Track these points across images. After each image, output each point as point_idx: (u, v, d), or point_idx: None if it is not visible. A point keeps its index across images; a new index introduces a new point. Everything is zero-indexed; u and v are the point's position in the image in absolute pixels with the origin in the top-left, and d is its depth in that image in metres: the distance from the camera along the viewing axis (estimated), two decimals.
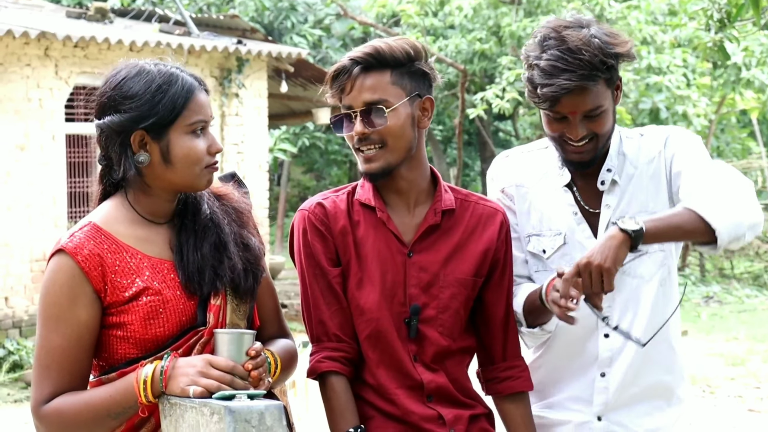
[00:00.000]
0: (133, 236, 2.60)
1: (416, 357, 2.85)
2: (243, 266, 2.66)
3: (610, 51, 2.86)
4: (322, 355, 2.82)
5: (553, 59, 2.83)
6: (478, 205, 2.93)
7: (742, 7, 5.84)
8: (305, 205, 2.90)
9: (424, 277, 2.84)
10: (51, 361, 2.53)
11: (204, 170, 2.61)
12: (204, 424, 2.38)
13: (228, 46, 13.42)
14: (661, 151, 3.02)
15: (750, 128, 21.38)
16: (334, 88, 2.80)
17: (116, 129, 2.58)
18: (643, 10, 15.03)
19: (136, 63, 2.63)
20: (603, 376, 3.06)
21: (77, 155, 12.38)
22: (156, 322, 2.55)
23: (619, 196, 3.01)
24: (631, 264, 3.00)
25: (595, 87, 2.85)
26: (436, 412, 2.84)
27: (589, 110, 2.88)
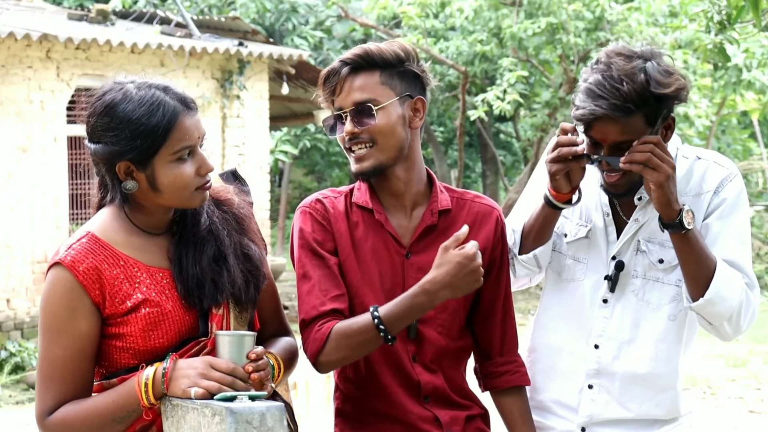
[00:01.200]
0: (131, 246, 2.59)
1: (415, 357, 2.86)
2: (244, 278, 2.65)
3: (653, 90, 2.81)
4: (316, 325, 2.76)
5: (593, 83, 2.83)
6: (474, 204, 2.94)
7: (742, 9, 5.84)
8: (305, 202, 2.91)
9: (423, 277, 2.83)
10: (53, 372, 2.54)
11: (194, 192, 2.58)
12: (205, 425, 2.39)
13: (229, 48, 13.44)
14: (711, 192, 2.98)
15: (751, 129, 21.40)
16: (326, 91, 2.84)
17: (101, 159, 2.57)
18: (643, 11, 15.03)
19: (122, 86, 2.58)
20: (590, 388, 3.05)
21: (79, 157, 12.40)
22: (155, 333, 2.56)
23: (650, 214, 2.99)
24: (643, 287, 3.01)
25: (628, 120, 2.81)
26: (432, 413, 2.85)
27: (619, 142, 2.85)
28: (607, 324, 3.02)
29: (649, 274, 3.01)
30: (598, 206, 3.05)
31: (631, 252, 3.01)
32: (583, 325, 3.05)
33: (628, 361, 3.03)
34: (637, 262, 3.01)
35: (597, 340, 3.03)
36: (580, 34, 14.91)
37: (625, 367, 3.04)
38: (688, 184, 3.00)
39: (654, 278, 3.01)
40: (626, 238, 3.01)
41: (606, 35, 14.85)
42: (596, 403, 3.05)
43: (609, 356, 3.03)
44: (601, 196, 3.04)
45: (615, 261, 3.01)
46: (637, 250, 3.01)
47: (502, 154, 24.15)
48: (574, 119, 2.89)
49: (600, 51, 2.95)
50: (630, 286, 3.02)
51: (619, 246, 3.01)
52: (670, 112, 2.91)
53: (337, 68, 2.81)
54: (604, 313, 3.03)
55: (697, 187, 2.99)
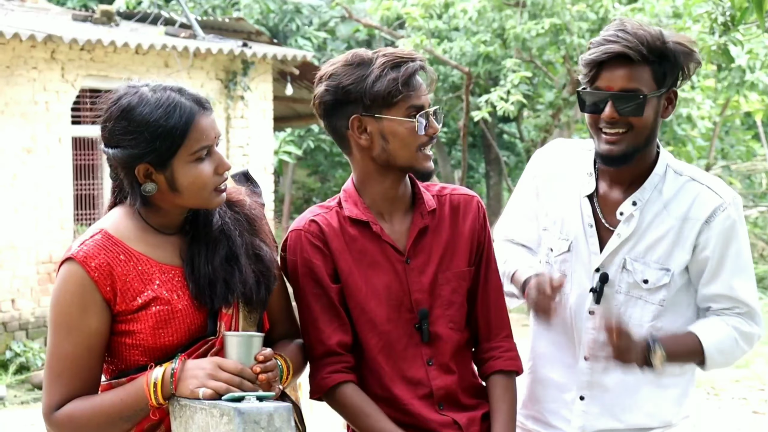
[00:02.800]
0: (144, 243, 2.61)
1: (431, 360, 2.86)
2: (255, 278, 2.67)
3: (666, 40, 2.84)
4: (327, 371, 2.82)
5: (607, 34, 2.86)
6: (453, 196, 2.95)
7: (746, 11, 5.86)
8: (297, 224, 2.89)
9: (425, 280, 2.87)
10: (62, 368, 2.55)
11: (213, 192, 2.61)
12: (213, 426, 2.41)
13: (233, 49, 13.45)
14: (701, 222, 2.95)
15: (754, 130, 21.38)
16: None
17: (119, 163, 2.59)
18: (647, 12, 15.02)
19: (136, 89, 2.60)
20: (582, 399, 3.06)
21: (83, 158, 12.41)
22: (165, 331, 2.57)
23: (633, 230, 2.97)
24: (625, 303, 3.01)
25: (639, 67, 2.83)
26: (450, 418, 2.86)
27: (626, 89, 2.84)
28: (597, 335, 3.00)
29: (633, 292, 3.00)
30: (578, 218, 3.03)
31: (616, 268, 3.00)
32: (573, 337, 3.06)
33: (617, 374, 3.03)
34: (621, 279, 3.00)
35: (587, 351, 3.03)
36: (584, 35, 14.91)
37: (614, 380, 3.04)
38: (679, 205, 2.96)
39: (637, 296, 3.00)
40: (609, 251, 2.99)
41: None
42: (588, 415, 3.05)
43: (599, 368, 3.03)
44: (583, 206, 3.02)
45: (599, 273, 3.00)
46: (623, 268, 2.99)
47: (506, 154, 24.14)
48: (583, 65, 2.89)
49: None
50: (614, 300, 3.01)
51: (602, 259, 3.00)
52: (674, 85, 2.90)
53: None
54: (591, 325, 3.02)
55: (685, 210, 2.96)
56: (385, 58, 2.78)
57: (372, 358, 2.85)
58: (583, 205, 3.02)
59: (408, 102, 2.77)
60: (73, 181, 12.14)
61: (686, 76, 2.92)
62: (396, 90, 2.75)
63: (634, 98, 2.84)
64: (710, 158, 17.92)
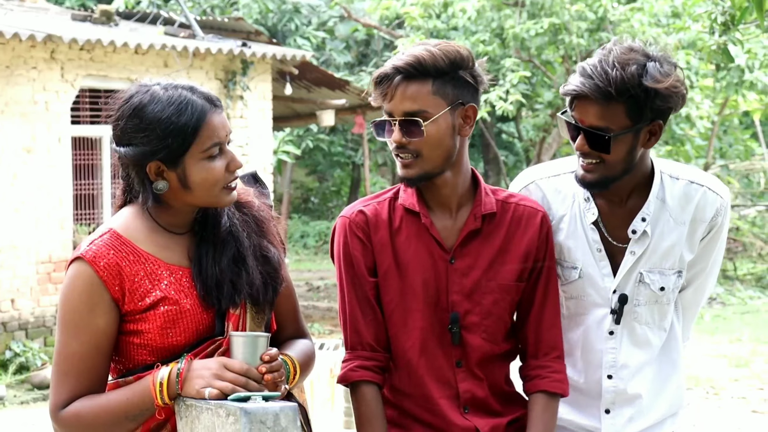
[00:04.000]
0: (152, 243, 2.61)
1: (460, 363, 2.84)
2: (262, 280, 2.67)
3: (642, 81, 2.77)
4: (355, 364, 2.82)
5: (589, 64, 2.83)
6: (519, 206, 2.89)
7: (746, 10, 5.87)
8: (346, 211, 2.89)
9: (467, 283, 2.83)
10: (69, 366, 2.56)
11: (223, 190, 2.61)
12: (219, 426, 2.41)
13: (232, 49, 13.46)
14: (707, 223, 2.99)
15: (753, 130, 21.41)
16: (377, 94, 2.79)
17: (131, 161, 2.59)
18: (646, 12, 15.04)
19: (148, 88, 2.60)
20: (608, 412, 3.06)
21: (83, 157, 12.41)
22: (173, 331, 2.58)
23: (646, 244, 2.97)
24: (645, 311, 3.02)
25: (608, 105, 2.78)
26: (473, 424, 2.84)
27: (594, 126, 2.81)
28: (617, 354, 3.02)
29: (651, 300, 3.02)
30: (584, 245, 3.00)
31: (633, 284, 2.99)
32: (593, 358, 3.05)
33: (644, 382, 3.05)
34: (639, 292, 3.00)
35: (609, 371, 3.03)
36: (583, 35, 14.93)
37: (640, 388, 3.05)
38: (684, 209, 2.98)
39: (653, 301, 3.02)
40: (625, 271, 2.98)
41: (608, 36, 14.86)
42: (617, 424, 3.06)
43: (623, 384, 3.03)
44: (589, 234, 2.99)
45: (617, 294, 2.99)
46: (639, 282, 2.99)
47: (504, 154, 24.15)
48: (561, 95, 2.89)
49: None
50: (633, 314, 3.01)
51: (618, 280, 2.99)
52: (659, 117, 2.85)
53: (390, 74, 2.74)
54: (612, 344, 3.02)
55: (692, 214, 2.98)
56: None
57: (403, 355, 2.84)
58: (589, 233, 2.99)
59: (379, 105, 2.80)
60: (72, 181, 12.14)
61: (673, 110, 2.87)
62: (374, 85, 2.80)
63: (600, 137, 2.81)
64: (709, 157, 17.94)
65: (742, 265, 18.74)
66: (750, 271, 18.53)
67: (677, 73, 2.84)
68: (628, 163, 2.87)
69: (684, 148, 16.46)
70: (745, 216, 19.91)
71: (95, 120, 12.36)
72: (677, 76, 2.83)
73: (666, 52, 2.86)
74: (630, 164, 2.88)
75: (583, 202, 2.99)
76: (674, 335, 3.11)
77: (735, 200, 20.22)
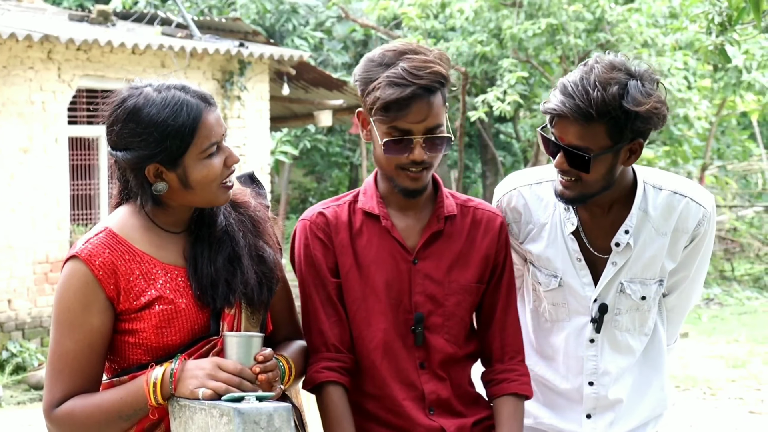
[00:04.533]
0: (148, 243, 2.61)
1: (423, 364, 2.85)
2: (257, 279, 2.66)
3: (623, 103, 2.74)
4: (320, 366, 2.81)
5: (570, 81, 2.80)
6: (478, 210, 2.92)
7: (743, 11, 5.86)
8: (306, 214, 2.90)
9: (429, 284, 2.84)
10: (63, 365, 2.55)
11: (220, 188, 2.61)
12: (213, 426, 2.41)
13: (230, 49, 13.44)
14: (689, 233, 2.99)
15: (750, 130, 21.41)
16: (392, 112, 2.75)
17: (129, 165, 2.59)
18: (644, 12, 15.04)
19: (140, 90, 2.59)
20: (589, 417, 3.07)
21: (80, 158, 12.40)
22: (168, 330, 2.57)
23: (628, 256, 2.97)
24: (625, 320, 3.03)
25: (588, 126, 2.76)
26: (439, 424, 2.84)
27: (573, 145, 2.79)
28: (598, 361, 3.03)
29: (632, 308, 3.03)
30: (564, 255, 3.00)
31: (614, 293, 3.00)
32: (574, 365, 3.05)
33: (624, 387, 3.06)
34: (620, 301, 3.01)
35: (590, 377, 3.04)
36: (581, 35, 14.93)
37: (621, 393, 3.06)
38: (666, 220, 2.98)
39: (634, 309, 3.03)
40: (606, 281, 2.99)
41: (606, 36, 14.87)
42: (598, 428, 3.07)
43: (604, 390, 3.04)
44: (569, 243, 2.99)
45: (597, 304, 3.00)
46: (620, 292, 3.00)
47: (502, 154, 24.15)
48: (542, 112, 2.87)
49: (598, 53, 2.91)
50: (613, 323, 3.02)
51: (599, 290, 2.99)
52: (639, 136, 2.83)
53: (417, 94, 2.69)
54: (593, 351, 3.03)
55: (674, 225, 2.98)
56: (393, 71, 2.70)
57: (367, 356, 2.84)
58: (569, 242, 2.99)
59: (390, 122, 2.72)
60: (69, 181, 12.13)
61: (653, 129, 2.85)
62: (379, 108, 2.71)
63: (580, 156, 2.80)
64: (706, 158, 17.94)
65: (739, 266, 18.74)
66: (747, 272, 18.53)
67: (659, 92, 2.81)
68: (608, 180, 2.86)
69: (682, 149, 16.45)
70: (743, 217, 19.92)
71: (92, 120, 12.35)
72: (658, 96, 2.80)
73: (650, 68, 2.83)
74: (609, 182, 2.87)
75: (563, 212, 2.99)
76: (657, 338, 3.11)
77: (733, 201, 20.24)
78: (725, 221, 19.23)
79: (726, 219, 19.30)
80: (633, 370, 3.07)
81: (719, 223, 19.07)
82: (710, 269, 18.38)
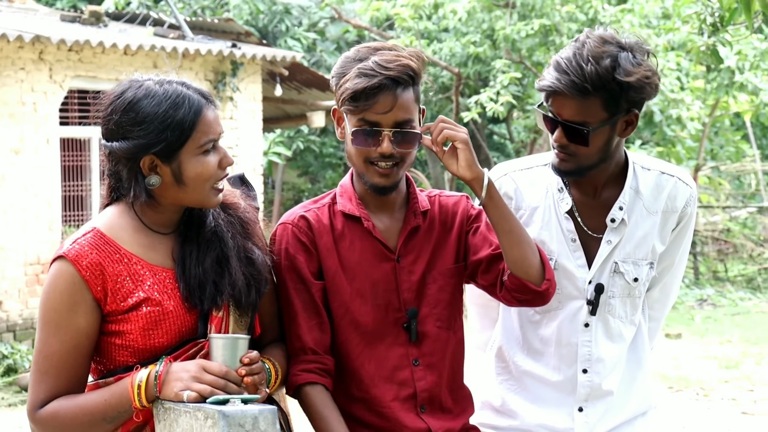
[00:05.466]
0: (136, 243, 2.59)
1: (417, 361, 2.84)
2: (245, 281, 2.64)
3: (616, 75, 2.80)
4: (298, 368, 2.79)
5: (563, 57, 2.85)
6: (442, 198, 2.95)
7: (734, 11, 5.85)
8: (286, 217, 2.88)
9: (414, 279, 2.85)
10: (48, 365, 2.54)
11: (212, 190, 2.60)
12: (198, 429, 2.39)
13: (222, 50, 13.42)
14: (678, 213, 3.04)
15: (743, 131, 21.42)
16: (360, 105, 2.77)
17: (125, 155, 2.56)
18: (636, 13, 15.05)
19: (140, 83, 2.59)
20: (581, 410, 3.05)
21: (72, 159, 12.38)
22: (156, 332, 2.55)
23: (622, 234, 3.00)
24: (618, 305, 3.03)
25: (585, 100, 2.82)
26: (426, 425, 2.83)
27: (571, 120, 2.85)
28: (592, 347, 3.03)
29: (624, 292, 3.04)
30: (559, 236, 3.02)
31: (608, 273, 3.02)
32: (568, 353, 3.04)
33: (615, 379, 3.05)
34: (614, 282, 3.02)
35: (584, 364, 3.04)
36: (574, 36, 14.92)
37: (615, 383, 3.06)
38: (656, 199, 3.02)
39: (627, 294, 3.04)
40: (601, 260, 3.00)
41: None
42: (589, 423, 3.06)
43: (598, 378, 3.04)
44: (563, 223, 3.01)
45: (593, 285, 3.01)
46: (615, 272, 3.02)
47: (496, 155, 24.14)
48: (537, 89, 2.92)
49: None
50: (607, 307, 3.03)
51: (594, 270, 3.00)
52: (634, 107, 2.88)
53: (384, 84, 2.72)
54: (587, 337, 3.03)
55: (665, 204, 3.03)
56: (364, 64, 2.74)
57: (353, 359, 2.83)
58: (563, 222, 3.01)
59: (359, 114, 2.73)
60: (61, 183, 12.10)
61: (647, 99, 2.90)
62: (348, 98, 2.73)
63: (579, 131, 2.84)
64: (700, 159, 17.95)
65: (732, 267, 18.77)
66: (741, 273, 18.55)
67: (649, 62, 2.88)
68: (605, 152, 2.92)
69: (675, 150, 16.46)
70: (736, 217, 19.94)
71: (84, 121, 12.32)
72: (649, 65, 2.86)
73: (640, 39, 2.90)
74: (607, 153, 2.92)
75: (557, 193, 3.02)
76: (641, 333, 3.13)
77: (726, 202, 20.25)
78: (718, 222, 19.25)
79: (719, 220, 19.33)
80: (622, 363, 3.07)
81: (713, 223, 19.10)
82: (703, 270, 18.43)
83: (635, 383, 3.11)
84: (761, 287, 17.79)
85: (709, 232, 19.07)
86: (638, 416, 3.14)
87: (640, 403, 3.13)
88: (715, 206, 19.40)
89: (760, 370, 11.13)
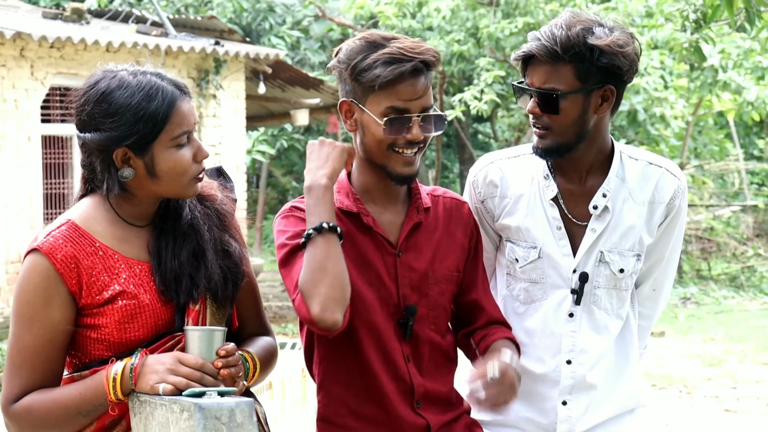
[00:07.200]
0: (111, 236, 2.56)
1: (409, 358, 2.82)
2: (222, 274, 2.61)
3: (585, 41, 2.82)
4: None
5: (542, 28, 2.90)
6: (445, 199, 2.93)
7: (717, 8, 5.85)
8: (284, 209, 2.84)
9: (414, 276, 2.82)
10: (23, 360, 2.50)
11: (191, 181, 2.57)
12: (174, 422, 2.36)
13: (205, 47, 13.38)
14: (665, 204, 3.03)
15: (727, 130, 21.48)
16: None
17: (98, 147, 2.53)
18: (620, 12, 15.06)
19: (114, 73, 2.55)
20: (565, 404, 3.03)
21: (53, 156, 12.31)
22: (131, 326, 2.52)
23: (606, 221, 2.99)
24: (603, 296, 3.02)
25: (556, 66, 2.84)
26: (425, 420, 2.81)
27: (544, 88, 2.86)
28: (576, 338, 3.01)
29: (610, 284, 3.02)
30: (544, 223, 3.01)
31: (593, 263, 3.00)
32: (552, 344, 3.03)
33: (601, 371, 3.03)
34: (599, 273, 3.01)
35: (568, 355, 3.02)
36: None
37: (599, 377, 3.04)
38: (643, 189, 3.01)
39: (612, 286, 3.03)
40: (586, 248, 2.99)
41: None
42: (572, 417, 3.04)
43: (583, 369, 3.02)
44: (548, 210, 3.00)
45: (578, 273, 2.99)
46: (600, 261, 3.00)
47: (480, 154, 24.15)
48: (512, 60, 2.96)
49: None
50: (592, 297, 3.02)
51: (579, 259, 2.99)
52: (609, 81, 2.88)
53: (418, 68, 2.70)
54: (572, 327, 3.01)
55: (652, 195, 3.02)
56: (388, 50, 2.70)
57: (360, 350, 2.78)
58: (548, 209, 3.00)
59: (388, 101, 2.71)
60: (42, 180, 12.04)
61: (625, 74, 2.88)
62: (378, 85, 2.69)
63: (548, 96, 2.86)
64: (683, 158, 17.97)
65: (716, 265, 18.81)
66: (724, 271, 18.60)
67: (627, 37, 2.89)
68: (580, 127, 2.90)
69: (659, 148, 16.47)
70: (720, 216, 19.98)
71: (66, 119, 12.25)
72: (626, 37, 2.88)
73: (620, 23, 2.93)
74: (582, 129, 2.90)
75: (542, 180, 3.01)
76: (630, 328, 3.10)
77: (710, 200, 20.29)
78: (702, 221, 19.29)
79: (703, 218, 19.36)
80: (608, 357, 3.04)
81: (696, 222, 19.13)
82: (687, 268, 18.46)
83: (622, 379, 3.08)
84: (744, 286, 17.84)
85: (693, 230, 19.10)
86: (626, 413, 3.11)
87: (627, 400, 3.10)
88: (698, 205, 19.44)
89: (743, 368, 11.16)
